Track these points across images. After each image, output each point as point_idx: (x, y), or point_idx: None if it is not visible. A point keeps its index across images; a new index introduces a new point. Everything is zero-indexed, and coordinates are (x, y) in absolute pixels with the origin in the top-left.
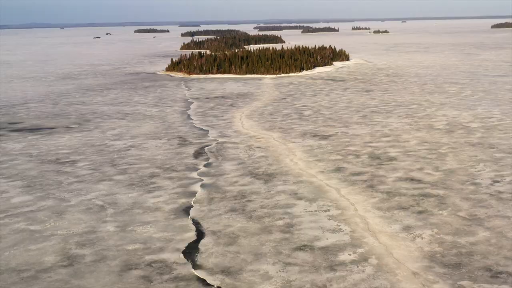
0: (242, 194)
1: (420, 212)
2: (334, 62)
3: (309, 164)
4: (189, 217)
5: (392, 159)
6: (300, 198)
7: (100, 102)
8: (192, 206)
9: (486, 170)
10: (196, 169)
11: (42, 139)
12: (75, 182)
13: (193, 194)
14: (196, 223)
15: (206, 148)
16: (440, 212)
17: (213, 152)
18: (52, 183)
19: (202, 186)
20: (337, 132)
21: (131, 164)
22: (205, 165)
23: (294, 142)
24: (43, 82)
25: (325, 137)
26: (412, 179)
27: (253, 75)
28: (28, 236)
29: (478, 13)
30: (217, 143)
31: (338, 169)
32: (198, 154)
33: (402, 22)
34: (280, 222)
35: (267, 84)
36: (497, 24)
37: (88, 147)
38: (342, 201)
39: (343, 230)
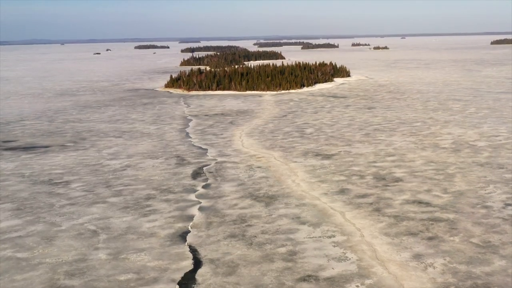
0: (242, 218)
1: (430, 238)
2: (335, 79)
3: (311, 185)
4: (186, 243)
5: (398, 180)
6: (303, 223)
7: (97, 120)
8: (189, 231)
9: (496, 192)
10: (194, 191)
11: (36, 158)
12: (67, 205)
13: (191, 218)
14: (193, 250)
15: (204, 168)
16: (452, 238)
17: (212, 172)
18: (43, 205)
19: (200, 209)
20: (340, 151)
21: (126, 185)
22: (203, 187)
23: (295, 161)
24: (41, 99)
25: (327, 157)
26: (420, 202)
27: (253, 92)
28: (14, 265)
29: (477, 29)
30: (216, 162)
31: (342, 191)
32: (196, 174)
33: (402, 38)
34: (283, 250)
35: (268, 101)
36: (496, 40)
37: (82, 167)
38: (347, 226)
39: (350, 259)
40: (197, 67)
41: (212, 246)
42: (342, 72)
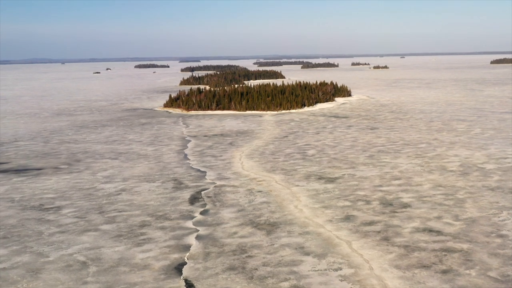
0: (242, 248)
1: (444, 272)
2: (336, 98)
3: (315, 211)
4: (182, 277)
5: (406, 205)
6: (307, 253)
7: (94, 140)
8: (185, 263)
9: (511, 220)
10: (192, 217)
11: (28, 181)
12: (57, 233)
13: (187, 248)
14: (189, 284)
15: (203, 193)
16: (468, 271)
17: (211, 197)
18: (31, 234)
19: (198, 238)
20: (344, 174)
21: (120, 211)
22: (201, 213)
23: (298, 185)
24: (37, 119)
25: (331, 180)
26: (430, 230)
27: (253, 112)
28: None
29: (476, 49)
30: (215, 186)
31: (348, 218)
32: (194, 199)
33: (401, 57)
34: (286, 284)
35: (268, 121)
36: (496, 59)
37: (75, 191)
38: (354, 257)
39: None
40: (196, 86)
41: (209, 280)
42: (343, 91)
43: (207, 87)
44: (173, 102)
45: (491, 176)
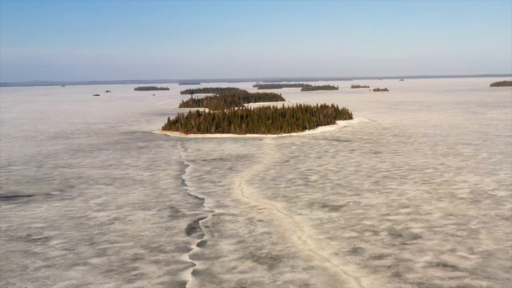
0: (242, 285)
1: None
2: (337, 121)
3: (320, 243)
4: None
5: (416, 237)
6: None
7: (89, 165)
8: None
9: None
10: (188, 250)
11: (16, 209)
12: (43, 267)
13: (182, 285)
14: None
15: (200, 222)
16: None
17: (209, 226)
18: (15, 268)
19: (194, 273)
20: (349, 202)
21: (112, 243)
22: (198, 244)
23: (301, 214)
24: (32, 142)
25: (335, 208)
26: (445, 265)
27: (253, 135)
28: None
29: (475, 71)
30: (213, 215)
31: (355, 251)
32: (191, 229)
33: (400, 80)
34: None
35: (268, 144)
36: (496, 82)
37: (66, 220)
38: None
39: None
40: (196, 109)
41: None
42: (344, 114)
43: (207, 110)
44: (171, 125)
45: (503, 204)
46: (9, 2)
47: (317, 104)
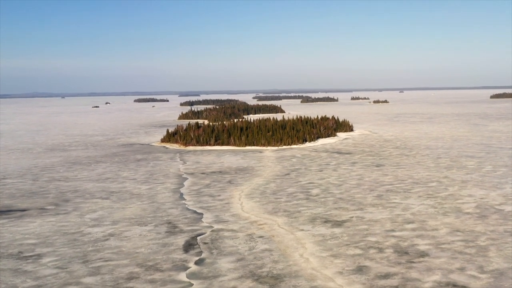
0: None
1: None
2: (337, 133)
3: (323, 261)
4: None
5: (423, 254)
6: None
7: (85, 178)
8: None
9: None
10: (185, 268)
11: (9, 224)
12: (33, 287)
13: None
14: None
15: (198, 238)
16: None
17: (207, 243)
18: None
19: None
20: (352, 217)
21: (106, 261)
22: (196, 262)
23: (302, 230)
24: (29, 154)
25: (338, 224)
26: (455, 285)
27: (253, 147)
28: None
29: (475, 83)
30: (212, 230)
31: (360, 269)
32: (189, 246)
33: (400, 92)
34: None
35: (269, 157)
36: (496, 94)
37: (59, 236)
38: None
39: None
40: (195, 120)
41: None
42: (344, 126)
43: (206, 122)
44: (170, 137)
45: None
46: (9, 14)
47: (317, 116)
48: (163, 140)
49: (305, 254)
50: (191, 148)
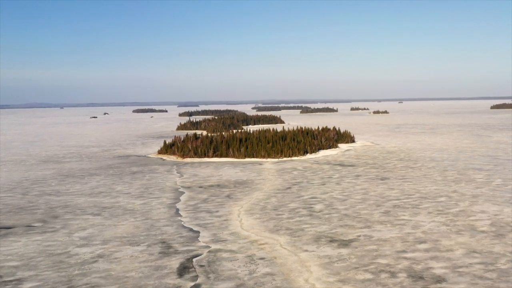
0: None
1: None
2: (339, 144)
3: (331, 287)
4: None
5: (440, 280)
6: None
7: (77, 192)
8: None
9: None
10: None
11: None
12: None
13: None
14: None
15: (194, 260)
16: None
17: (204, 266)
18: None
19: None
20: (359, 236)
21: (93, 286)
22: None
23: (306, 250)
24: (21, 167)
25: (345, 244)
26: None
27: (252, 159)
28: None
29: (475, 94)
30: (209, 251)
31: None
32: (183, 269)
33: (399, 102)
34: None
35: (269, 169)
36: (496, 105)
37: (44, 257)
38: None
39: None
40: (193, 131)
41: None
42: (346, 137)
43: (205, 132)
44: (167, 148)
45: None
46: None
47: (318, 127)
48: (160, 152)
49: (310, 279)
50: (188, 160)
